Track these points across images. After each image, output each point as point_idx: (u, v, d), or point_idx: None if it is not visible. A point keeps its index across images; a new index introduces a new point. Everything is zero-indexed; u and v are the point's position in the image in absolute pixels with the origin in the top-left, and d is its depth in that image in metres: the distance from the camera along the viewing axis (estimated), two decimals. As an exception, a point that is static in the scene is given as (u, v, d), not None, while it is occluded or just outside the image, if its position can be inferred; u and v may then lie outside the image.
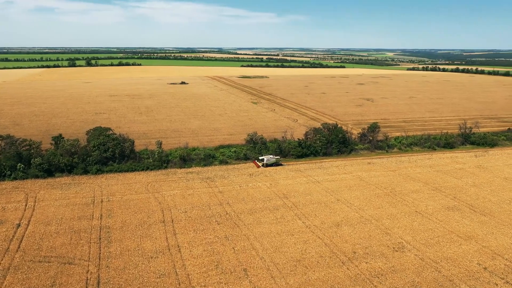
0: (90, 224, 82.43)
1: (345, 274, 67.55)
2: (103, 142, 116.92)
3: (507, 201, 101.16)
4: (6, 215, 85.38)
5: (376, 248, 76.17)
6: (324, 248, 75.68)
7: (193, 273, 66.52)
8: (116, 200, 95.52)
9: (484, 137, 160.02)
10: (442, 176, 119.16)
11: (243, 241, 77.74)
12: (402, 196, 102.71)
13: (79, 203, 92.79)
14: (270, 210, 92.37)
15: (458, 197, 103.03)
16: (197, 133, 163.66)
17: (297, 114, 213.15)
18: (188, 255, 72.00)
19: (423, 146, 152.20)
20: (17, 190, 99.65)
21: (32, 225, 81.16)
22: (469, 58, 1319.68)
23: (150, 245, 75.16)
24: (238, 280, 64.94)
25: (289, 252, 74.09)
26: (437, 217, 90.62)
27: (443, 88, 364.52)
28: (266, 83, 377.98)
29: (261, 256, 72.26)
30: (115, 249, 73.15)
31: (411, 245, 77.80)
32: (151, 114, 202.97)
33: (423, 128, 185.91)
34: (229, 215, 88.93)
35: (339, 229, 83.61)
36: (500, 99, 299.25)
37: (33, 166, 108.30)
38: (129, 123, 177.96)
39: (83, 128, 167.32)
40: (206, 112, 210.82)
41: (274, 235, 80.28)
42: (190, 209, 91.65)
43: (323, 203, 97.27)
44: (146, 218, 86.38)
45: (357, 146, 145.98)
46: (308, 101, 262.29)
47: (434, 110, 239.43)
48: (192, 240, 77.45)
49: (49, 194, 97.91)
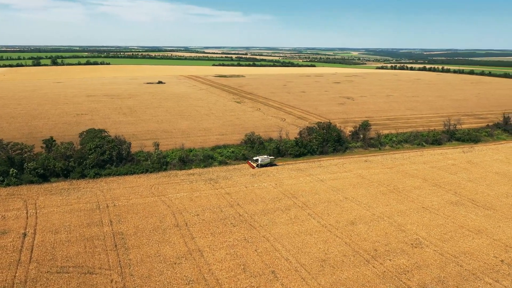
0: (101, 231, 78.95)
1: (372, 272, 68.04)
2: (99, 145, 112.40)
3: (504, 195, 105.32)
4: (9, 224, 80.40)
5: (395, 245, 77.24)
6: (346, 247, 75.95)
7: (222, 277, 65.01)
8: (122, 204, 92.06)
9: (468, 134, 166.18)
10: (438, 172, 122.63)
11: (263, 242, 76.81)
12: (406, 193, 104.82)
13: (83, 209, 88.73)
14: (282, 210, 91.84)
15: (459, 192, 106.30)
16: (189, 134, 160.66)
17: (283, 113, 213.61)
18: (212, 259, 70.33)
19: (413, 143, 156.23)
20: (14, 197, 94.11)
21: (40, 234, 76.82)
22: (430, 57, 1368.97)
23: (170, 250, 72.86)
24: (269, 283, 64.02)
25: (312, 252, 73.86)
26: (444, 213, 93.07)
27: (416, 87, 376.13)
28: (244, 82, 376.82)
29: (286, 258, 71.62)
30: (134, 256, 70.41)
31: (427, 241, 79.40)
32: (136, 114, 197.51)
33: (407, 126, 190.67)
34: (243, 217, 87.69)
35: (355, 228, 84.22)
36: (471, 96, 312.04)
37: (26, 171, 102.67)
38: (115, 124, 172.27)
39: (68, 130, 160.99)
40: (192, 112, 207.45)
41: (293, 236, 79.80)
42: (201, 212, 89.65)
43: (332, 201, 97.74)
44: (159, 222, 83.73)
45: (350, 144, 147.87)
46: (290, 100, 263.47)
47: (413, 108, 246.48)
48: (212, 243, 75.74)
49: (49, 200, 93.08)
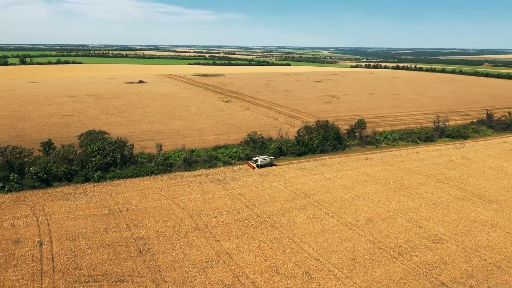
0: (121, 237, 76.23)
1: (403, 269, 68.83)
2: (101, 147, 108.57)
3: (505, 189, 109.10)
4: (21, 233, 76.34)
5: (417, 241, 78.47)
6: (370, 245, 76.51)
7: (257, 280, 64.07)
8: (135, 208, 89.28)
9: (458, 130, 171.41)
10: (438, 169, 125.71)
11: (289, 243, 76.32)
12: (413, 190, 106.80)
13: (96, 214, 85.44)
14: (299, 210, 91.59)
15: (463, 188, 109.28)
16: (184, 134, 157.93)
17: (274, 112, 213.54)
18: (242, 262, 69.22)
19: (407, 141, 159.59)
20: (19, 204, 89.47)
21: (57, 242, 73.34)
22: (397, 56, 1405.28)
23: (197, 254, 71.19)
24: (305, 283, 63.62)
25: (340, 251, 73.98)
26: (455, 208, 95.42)
27: (394, 85, 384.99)
28: (227, 81, 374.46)
29: (315, 258, 71.41)
30: (162, 262, 68.34)
31: (446, 236, 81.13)
32: (125, 115, 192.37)
33: (396, 123, 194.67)
34: (262, 218, 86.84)
35: (374, 225, 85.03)
36: (448, 94, 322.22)
37: (28, 175, 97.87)
38: (106, 126, 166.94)
39: (57, 132, 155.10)
40: (182, 112, 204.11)
41: (316, 235, 79.69)
42: (219, 213, 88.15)
43: (345, 200, 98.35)
44: (178, 226, 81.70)
45: (348, 142, 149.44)
46: (277, 99, 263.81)
47: (397, 106, 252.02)
48: (238, 246, 74.58)
49: (57, 206, 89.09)
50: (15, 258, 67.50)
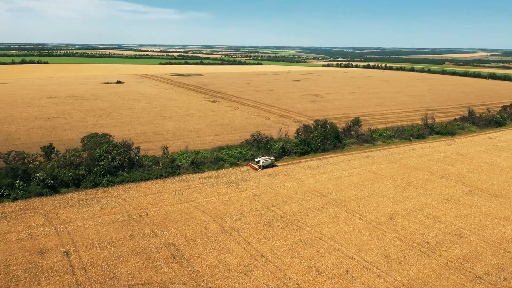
0: (150, 243, 73.74)
1: (437, 264, 70.39)
2: (108, 150, 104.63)
3: (506, 183, 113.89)
4: (42, 243, 72.32)
5: (442, 237, 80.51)
6: (399, 242, 77.77)
7: (302, 282, 63.68)
8: (155, 213, 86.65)
9: (446, 127, 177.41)
10: (438, 165, 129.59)
11: (321, 243, 76.37)
12: (421, 186, 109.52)
13: (116, 221, 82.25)
14: (319, 209, 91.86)
15: (466, 183, 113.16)
16: (181, 136, 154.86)
17: (264, 112, 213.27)
18: (280, 264, 68.61)
19: (401, 138, 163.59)
20: (29, 212, 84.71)
21: (83, 251, 70.00)
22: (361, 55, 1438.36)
23: (233, 258, 69.93)
24: (350, 283, 63.84)
25: (372, 249, 74.75)
26: (465, 203, 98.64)
27: (371, 83, 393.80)
28: (206, 81, 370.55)
29: (351, 256, 71.81)
30: (200, 267, 66.66)
31: (467, 230, 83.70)
32: (113, 116, 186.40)
33: (384, 121, 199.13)
34: (285, 219, 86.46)
35: (396, 222, 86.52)
36: (424, 92, 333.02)
37: (34, 182, 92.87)
38: (96, 128, 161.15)
39: (47, 135, 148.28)
40: (171, 113, 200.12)
41: (344, 234, 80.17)
42: (241, 216, 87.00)
43: (361, 198, 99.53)
44: (204, 230, 79.96)
45: (347, 141, 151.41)
46: (262, 98, 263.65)
47: (380, 104, 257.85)
48: (271, 248, 73.87)
49: (72, 213, 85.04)
50: (45, 270, 63.86)
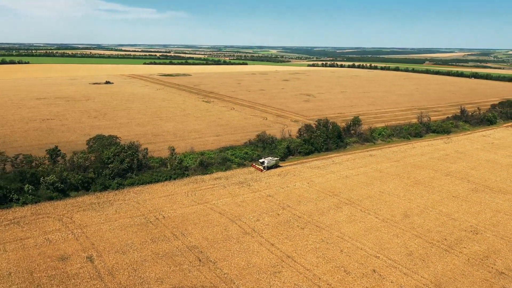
0: (173, 246, 72.70)
1: (459, 261, 71.55)
2: (117, 152, 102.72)
3: (508, 180, 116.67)
4: (62, 248, 70.43)
5: (458, 233, 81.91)
6: (419, 240, 78.74)
7: (332, 282, 63.81)
8: (172, 216, 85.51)
9: (441, 126, 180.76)
10: (440, 163, 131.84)
11: (342, 242, 76.69)
12: (428, 184, 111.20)
13: (133, 224, 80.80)
14: (334, 209, 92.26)
15: (471, 180, 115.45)
16: (182, 136, 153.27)
17: (260, 112, 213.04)
18: (307, 264, 68.59)
19: (399, 137, 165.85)
20: (42, 217, 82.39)
21: (107, 256, 68.51)
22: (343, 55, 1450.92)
23: (259, 259, 69.56)
24: (379, 281, 64.28)
25: (393, 247, 75.45)
26: (474, 199, 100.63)
27: (359, 83, 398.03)
28: (196, 81, 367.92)
29: (374, 255, 72.35)
30: (229, 270, 66.07)
31: (481, 227, 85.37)
32: (109, 117, 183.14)
33: (379, 120, 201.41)
34: (303, 219, 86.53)
35: (412, 220, 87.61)
36: (413, 91, 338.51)
37: (43, 186, 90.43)
38: (94, 130, 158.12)
39: (44, 137, 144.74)
40: (167, 114, 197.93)
41: (364, 233, 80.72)
42: (259, 216, 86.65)
43: (373, 197, 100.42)
44: (225, 231, 79.32)
45: (348, 140, 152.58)
46: (256, 98, 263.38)
47: (372, 103, 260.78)
48: (295, 248, 73.79)
49: (87, 217, 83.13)
50: (71, 277, 62.22)
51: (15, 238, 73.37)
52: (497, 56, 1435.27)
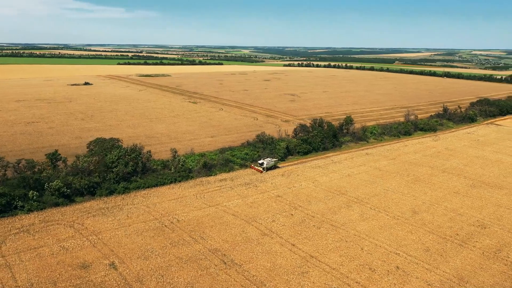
0: (195, 250, 71.61)
1: (475, 255, 73.93)
2: (121, 156, 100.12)
3: (501, 175, 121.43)
4: (80, 256, 68.02)
5: (468, 228, 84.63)
6: (433, 236, 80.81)
7: (360, 280, 64.58)
8: (186, 219, 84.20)
9: (428, 124, 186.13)
10: (434, 160, 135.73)
11: (361, 241, 77.73)
12: (428, 181, 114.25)
13: (148, 229, 79.05)
14: (345, 207, 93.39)
15: (467, 176, 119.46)
16: (177, 138, 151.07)
17: (249, 112, 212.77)
18: (332, 263, 69.11)
19: (390, 135, 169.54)
20: (52, 224, 79.27)
21: (129, 262, 66.73)
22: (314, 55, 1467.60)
23: (283, 260, 69.55)
24: (404, 277, 65.56)
25: (410, 244, 77.11)
26: (474, 195, 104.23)
27: (339, 83, 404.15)
28: (177, 81, 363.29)
29: (395, 252, 73.73)
30: (256, 272, 65.71)
31: (487, 221, 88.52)
32: (97, 120, 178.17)
33: (367, 119, 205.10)
34: (317, 218, 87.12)
35: (421, 216, 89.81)
36: (391, 90, 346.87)
37: (48, 192, 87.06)
38: (84, 132, 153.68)
39: (34, 141, 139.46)
40: (157, 115, 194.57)
41: (379, 231, 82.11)
42: (273, 217, 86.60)
43: (379, 194, 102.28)
44: (243, 233, 78.83)
45: (343, 139, 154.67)
46: (242, 98, 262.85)
47: (356, 103, 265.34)
48: (317, 248, 74.21)
49: (99, 223, 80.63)
50: (97, 285, 60.24)
51: (29, 247, 70.31)
52: (462, 56, 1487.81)
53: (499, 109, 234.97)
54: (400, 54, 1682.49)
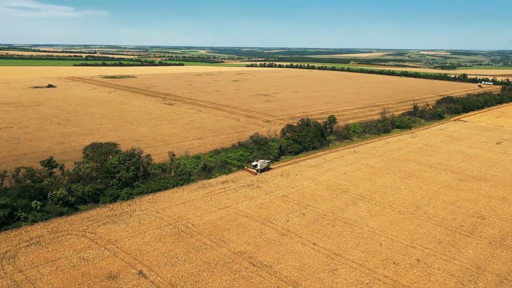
0: (221, 254, 70.85)
1: (484, 244, 78.42)
2: (122, 160, 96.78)
3: (482, 168, 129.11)
4: (104, 266, 65.28)
5: (470, 220, 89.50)
6: (440, 228, 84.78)
7: (388, 274, 66.67)
8: (200, 223, 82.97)
9: (404, 122, 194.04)
10: (419, 156, 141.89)
11: (377, 236, 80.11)
12: (420, 176, 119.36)
13: (166, 235, 77.19)
14: (352, 205, 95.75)
15: (453, 170, 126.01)
16: (165, 141, 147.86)
17: (228, 113, 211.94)
18: (357, 259, 70.81)
19: (372, 133, 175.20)
20: (63, 235, 75.31)
21: (158, 270, 64.96)
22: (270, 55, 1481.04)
23: (310, 259, 70.40)
24: (428, 269, 68.40)
25: (423, 237, 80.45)
26: (464, 188, 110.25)
27: (307, 83, 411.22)
28: (146, 83, 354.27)
29: (411, 245, 76.67)
30: (288, 272, 66.10)
31: (484, 212, 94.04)
32: (74, 124, 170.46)
33: (344, 118, 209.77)
34: (328, 216, 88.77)
35: (424, 210, 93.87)
36: (359, 90, 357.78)
37: (52, 201, 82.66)
38: (65, 137, 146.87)
39: (13, 148, 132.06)
40: (136, 118, 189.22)
41: (389, 226, 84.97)
42: (286, 217, 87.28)
43: (379, 191, 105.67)
44: (262, 234, 78.92)
45: (329, 138, 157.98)
46: (216, 99, 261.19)
47: (329, 102, 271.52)
48: (337, 245, 75.69)
49: (112, 231, 77.61)
50: (132, 295, 58.15)
51: (45, 260, 66.51)
52: (411, 56, 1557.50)
53: (462, 106, 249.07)
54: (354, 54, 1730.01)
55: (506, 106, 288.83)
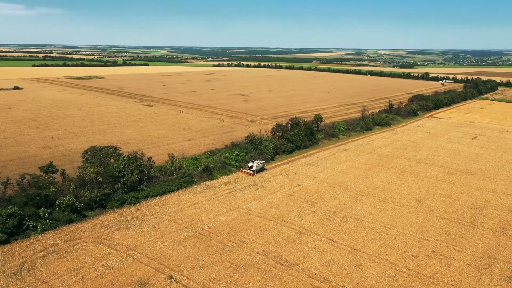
0: (246, 255, 70.82)
1: (488, 234, 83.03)
2: (126, 164, 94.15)
3: (466, 163, 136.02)
4: (132, 273, 63.55)
5: (470, 211, 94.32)
6: (445, 220, 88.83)
7: (410, 266, 69.18)
8: (216, 225, 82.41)
9: (384, 119, 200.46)
10: (405, 152, 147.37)
11: (389, 231, 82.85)
12: (412, 171, 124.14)
13: (185, 238, 76.15)
14: (357, 201, 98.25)
15: (441, 165, 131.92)
16: (155, 143, 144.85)
17: (211, 114, 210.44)
18: (377, 254, 72.97)
19: (356, 131, 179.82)
20: (79, 243, 72.44)
21: (188, 274, 64.14)
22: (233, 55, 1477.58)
23: (334, 256, 71.84)
24: (445, 260, 71.63)
25: (431, 230, 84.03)
26: (455, 181, 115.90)
27: (279, 82, 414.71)
28: (117, 84, 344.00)
29: (423, 238, 79.93)
30: (316, 270, 67.16)
31: (480, 203, 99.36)
32: (54, 127, 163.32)
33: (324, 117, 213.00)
34: (338, 213, 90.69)
35: (426, 204, 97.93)
36: (331, 89, 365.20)
37: (60, 208, 79.29)
38: (49, 141, 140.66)
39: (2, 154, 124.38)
40: (117, 120, 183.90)
41: (398, 220, 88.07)
42: (299, 215, 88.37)
43: (379, 187, 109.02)
44: (279, 233, 79.58)
45: (318, 136, 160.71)
46: (194, 100, 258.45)
47: (306, 101, 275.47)
48: (355, 241, 77.64)
49: (128, 237, 75.51)
50: (170, 301, 57.10)
51: (67, 269, 63.81)
52: (369, 55, 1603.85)
53: (433, 103, 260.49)
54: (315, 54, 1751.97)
55: (471, 103, 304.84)
